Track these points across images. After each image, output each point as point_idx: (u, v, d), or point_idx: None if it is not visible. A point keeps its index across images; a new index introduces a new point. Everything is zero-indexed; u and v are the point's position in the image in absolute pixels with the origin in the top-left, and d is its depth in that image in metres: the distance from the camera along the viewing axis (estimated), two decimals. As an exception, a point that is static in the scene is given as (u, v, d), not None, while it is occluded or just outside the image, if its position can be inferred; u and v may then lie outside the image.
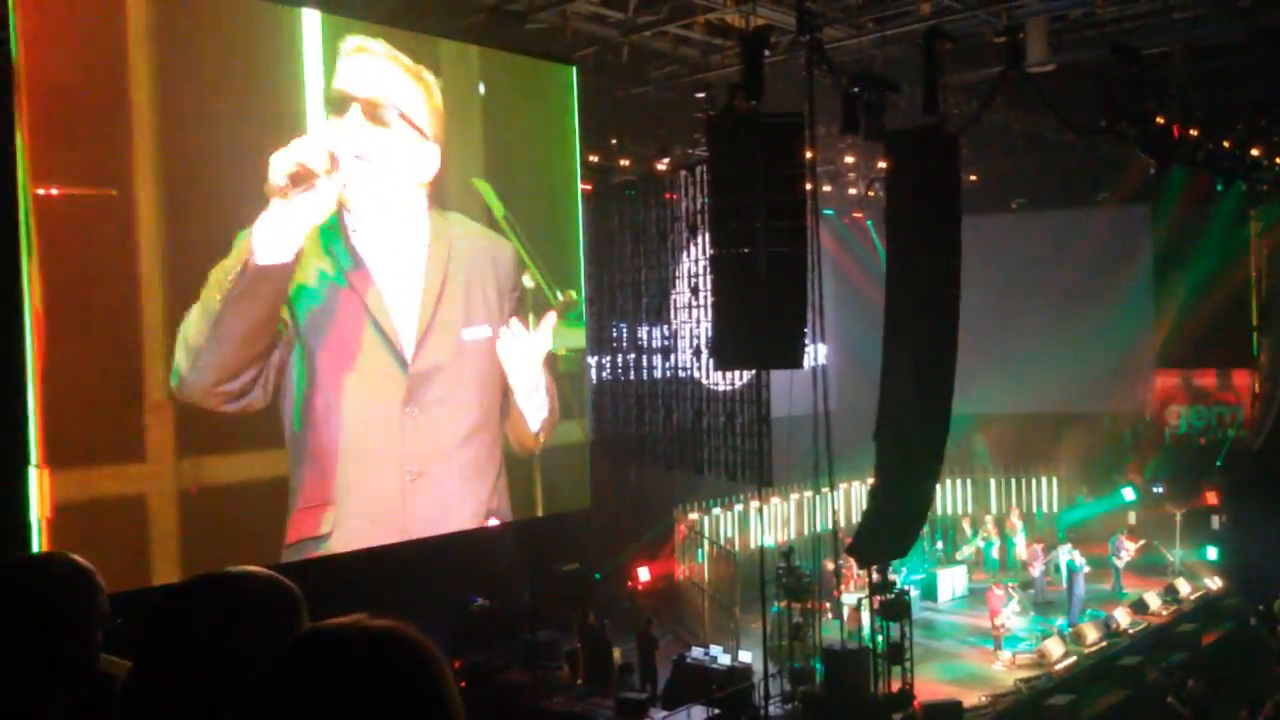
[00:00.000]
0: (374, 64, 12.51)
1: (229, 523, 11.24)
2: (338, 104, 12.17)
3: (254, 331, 11.52)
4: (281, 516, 11.81)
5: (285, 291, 11.82)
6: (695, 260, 16.61)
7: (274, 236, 11.64)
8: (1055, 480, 23.05)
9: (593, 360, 18.03)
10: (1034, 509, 22.88)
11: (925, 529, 17.22)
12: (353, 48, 12.24)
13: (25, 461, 9.80)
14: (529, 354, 14.32)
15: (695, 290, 16.78)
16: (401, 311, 12.90)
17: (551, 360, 14.63)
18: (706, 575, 18.82)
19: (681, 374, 17.57)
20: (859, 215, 24.02)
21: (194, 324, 11.01)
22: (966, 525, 22.37)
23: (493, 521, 13.93)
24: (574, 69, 14.97)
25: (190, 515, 10.87)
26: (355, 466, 12.38)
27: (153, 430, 10.72)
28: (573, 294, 15.09)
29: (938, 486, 15.85)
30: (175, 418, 10.84)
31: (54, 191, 10.14)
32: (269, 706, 1.30)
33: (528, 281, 14.30)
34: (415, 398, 12.90)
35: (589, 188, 16.92)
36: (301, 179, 11.71)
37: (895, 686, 13.72)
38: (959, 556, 21.62)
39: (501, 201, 13.97)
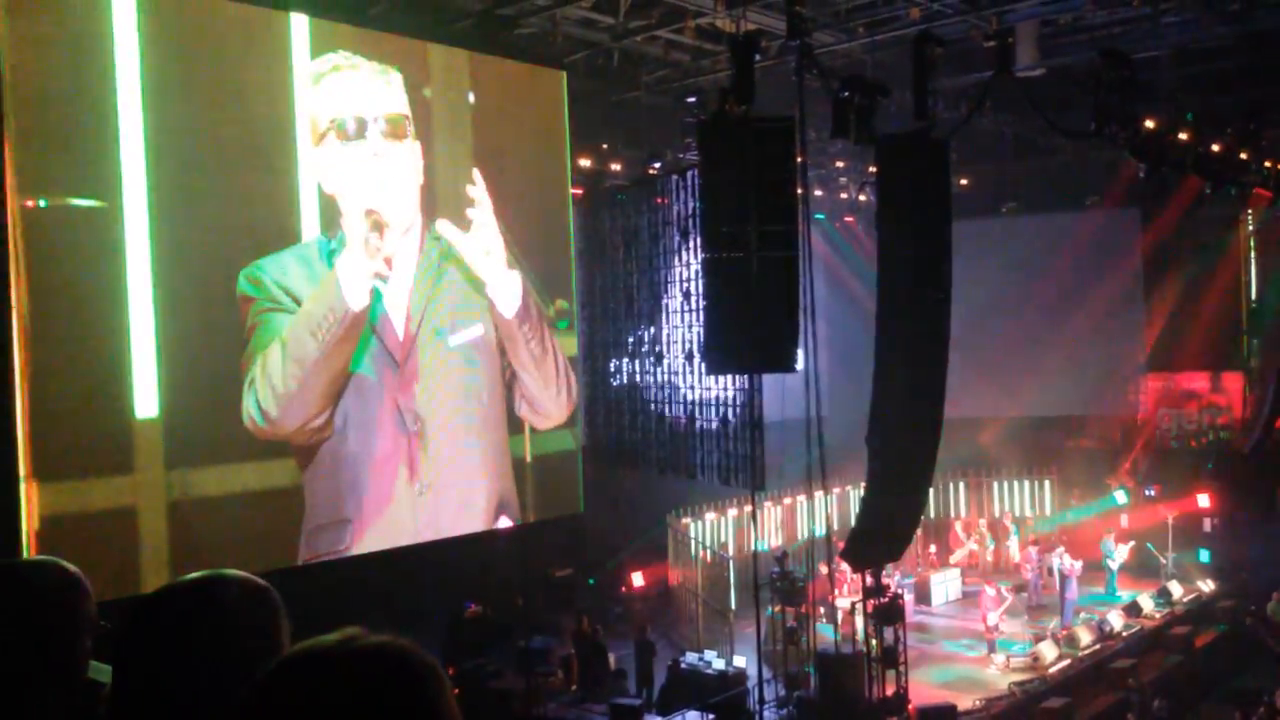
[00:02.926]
0: (353, 79, 12.46)
1: (219, 532, 11.20)
2: (338, 128, 12.18)
3: (343, 368, 12.20)
4: (271, 525, 11.77)
5: (365, 326, 12.41)
6: (687, 264, 16.60)
7: (360, 281, 12.31)
8: (1048, 483, 23.09)
9: (585, 365, 18.00)
10: (1027, 512, 22.92)
11: (918, 533, 17.22)
12: (329, 68, 12.17)
13: (13, 474, 9.73)
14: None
15: (687, 294, 16.77)
16: (397, 323, 12.90)
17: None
18: (700, 580, 18.79)
19: (674, 378, 17.55)
20: (850, 219, 24.05)
21: (279, 369, 11.43)
22: (960, 529, 22.39)
23: (504, 522, 14.01)
24: (564, 74, 14.97)
25: (180, 525, 10.82)
26: (366, 478, 12.42)
27: (141, 442, 10.67)
28: (563, 303, 15.08)
29: (931, 490, 15.86)
30: (164, 430, 10.80)
31: (41, 203, 10.09)
32: None
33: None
34: (410, 407, 12.89)
35: (580, 192, 16.90)
36: (380, 226, 12.36)
37: (889, 690, 13.71)
38: (952, 560, 21.64)
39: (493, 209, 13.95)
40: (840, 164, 21.03)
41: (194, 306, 11.15)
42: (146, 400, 10.74)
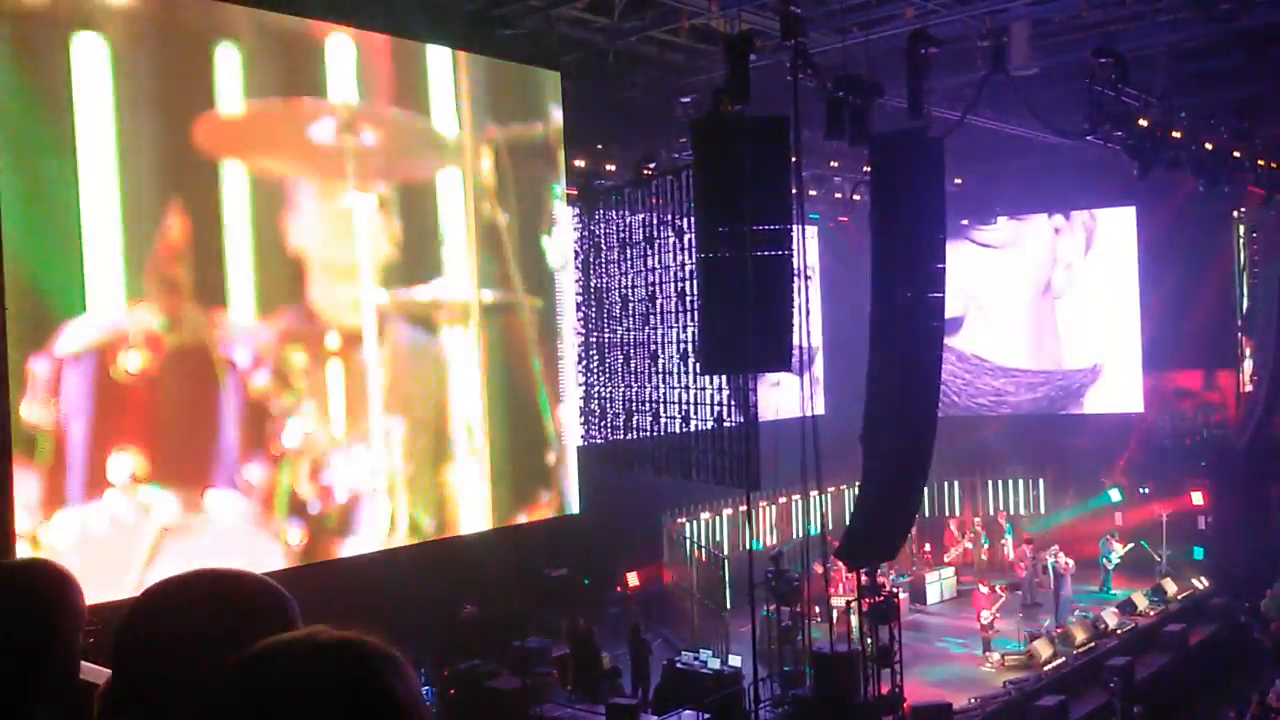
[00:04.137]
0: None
1: (213, 532, 11.18)
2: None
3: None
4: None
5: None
6: (682, 265, 16.60)
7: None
8: (1042, 482, 23.13)
9: (580, 366, 17.99)
10: (1021, 510, 22.96)
11: (913, 531, 17.25)
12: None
13: (6, 475, 9.72)
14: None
15: (682, 295, 16.76)
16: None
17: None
18: (695, 579, 18.82)
19: (669, 378, 17.54)
20: (844, 219, 24.05)
21: None
22: (954, 527, 22.43)
23: (500, 522, 14.00)
24: (559, 74, 14.95)
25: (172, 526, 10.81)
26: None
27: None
28: (558, 304, 15.10)
29: (925, 488, 15.89)
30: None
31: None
32: None
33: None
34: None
35: (575, 193, 16.89)
36: None
37: (885, 689, 13.73)
38: (947, 558, 21.68)
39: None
40: (835, 164, 21.00)
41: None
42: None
